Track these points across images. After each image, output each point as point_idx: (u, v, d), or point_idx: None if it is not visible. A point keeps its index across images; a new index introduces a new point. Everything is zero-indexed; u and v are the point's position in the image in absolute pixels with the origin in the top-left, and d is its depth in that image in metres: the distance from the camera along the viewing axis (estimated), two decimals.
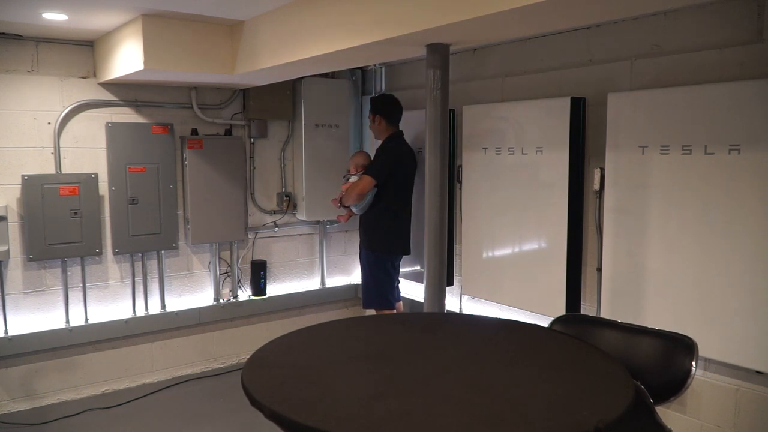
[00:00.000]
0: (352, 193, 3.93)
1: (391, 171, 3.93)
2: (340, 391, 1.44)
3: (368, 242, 4.08)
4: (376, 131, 4.08)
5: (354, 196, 3.93)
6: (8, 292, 3.86)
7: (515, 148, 3.69)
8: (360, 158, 4.18)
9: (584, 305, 3.48)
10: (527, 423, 1.28)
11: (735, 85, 2.73)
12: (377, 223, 4.03)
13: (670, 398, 1.80)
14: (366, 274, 4.14)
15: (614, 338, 2.01)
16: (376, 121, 4.04)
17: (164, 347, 4.45)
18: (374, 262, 4.07)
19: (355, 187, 3.92)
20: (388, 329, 2.00)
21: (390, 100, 4.11)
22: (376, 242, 4.04)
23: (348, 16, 2.74)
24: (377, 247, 4.05)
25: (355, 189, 3.92)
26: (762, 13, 2.70)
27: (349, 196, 3.96)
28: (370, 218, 4.04)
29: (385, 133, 4.04)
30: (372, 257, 4.07)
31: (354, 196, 3.94)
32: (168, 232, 4.33)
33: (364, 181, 3.90)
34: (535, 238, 3.62)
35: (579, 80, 3.43)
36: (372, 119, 4.06)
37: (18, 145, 3.83)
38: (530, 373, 1.56)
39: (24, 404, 3.95)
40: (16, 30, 3.65)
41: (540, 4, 1.98)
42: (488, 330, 2.06)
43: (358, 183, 3.91)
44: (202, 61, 3.54)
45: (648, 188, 3.05)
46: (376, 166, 3.96)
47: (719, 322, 2.82)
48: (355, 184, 3.94)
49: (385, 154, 3.97)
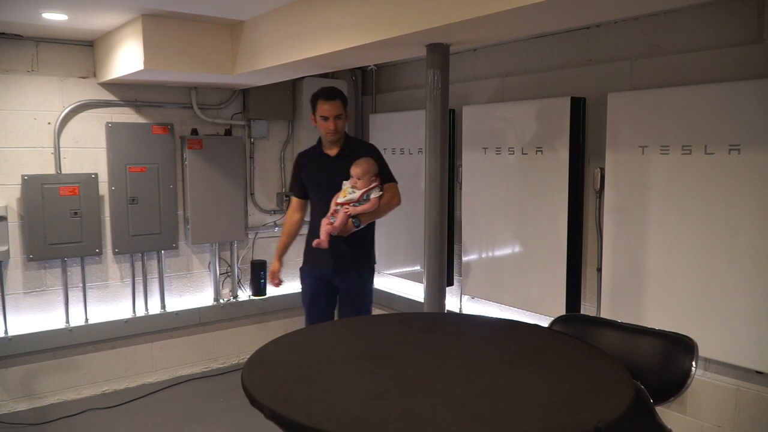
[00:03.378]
0: (389, 207, 3.29)
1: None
2: (340, 391, 1.44)
3: (366, 258, 3.43)
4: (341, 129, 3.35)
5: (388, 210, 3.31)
6: (8, 292, 3.86)
7: (515, 148, 3.68)
8: (371, 165, 3.24)
9: (584, 305, 3.48)
10: (527, 423, 1.28)
11: (735, 85, 2.73)
12: (371, 233, 3.46)
13: (670, 398, 1.80)
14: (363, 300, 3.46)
15: (614, 338, 2.01)
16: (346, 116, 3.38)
17: (164, 347, 4.45)
18: (372, 281, 3.49)
19: (391, 201, 3.29)
20: (388, 329, 2.00)
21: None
22: (373, 256, 3.49)
23: (348, 16, 2.75)
24: (373, 260, 3.49)
25: (392, 202, 3.30)
26: (762, 13, 2.70)
27: (384, 211, 3.28)
28: (367, 232, 3.39)
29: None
30: (371, 276, 3.47)
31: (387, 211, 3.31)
32: (168, 232, 4.33)
33: (393, 190, 3.32)
34: (535, 238, 3.62)
35: (579, 80, 3.43)
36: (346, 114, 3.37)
37: (18, 145, 3.83)
38: (530, 373, 1.56)
39: (24, 404, 3.94)
40: (16, 30, 3.65)
41: (540, 4, 1.98)
42: (488, 330, 2.06)
43: (394, 195, 3.30)
44: (202, 61, 3.54)
45: (648, 188, 3.05)
46: (387, 168, 3.37)
47: (719, 322, 2.81)
48: (390, 197, 3.28)
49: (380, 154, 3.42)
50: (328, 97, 3.27)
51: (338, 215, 3.16)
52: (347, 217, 3.15)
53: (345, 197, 3.19)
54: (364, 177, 3.18)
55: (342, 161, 3.30)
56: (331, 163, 3.35)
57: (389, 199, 3.29)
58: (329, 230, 3.15)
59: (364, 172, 3.19)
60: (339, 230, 3.15)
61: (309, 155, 3.48)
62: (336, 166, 3.32)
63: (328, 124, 3.29)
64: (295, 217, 3.54)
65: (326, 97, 3.27)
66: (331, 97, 3.27)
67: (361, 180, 3.18)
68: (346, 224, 3.15)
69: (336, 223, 3.14)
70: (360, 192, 3.17)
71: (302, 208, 3.53)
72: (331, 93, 3.27)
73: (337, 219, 3.14)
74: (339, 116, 3.30)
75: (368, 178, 3.19)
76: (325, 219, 3.21)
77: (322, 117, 3.29)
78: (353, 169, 3.19)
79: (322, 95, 3.28)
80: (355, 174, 3.18)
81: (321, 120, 3.30)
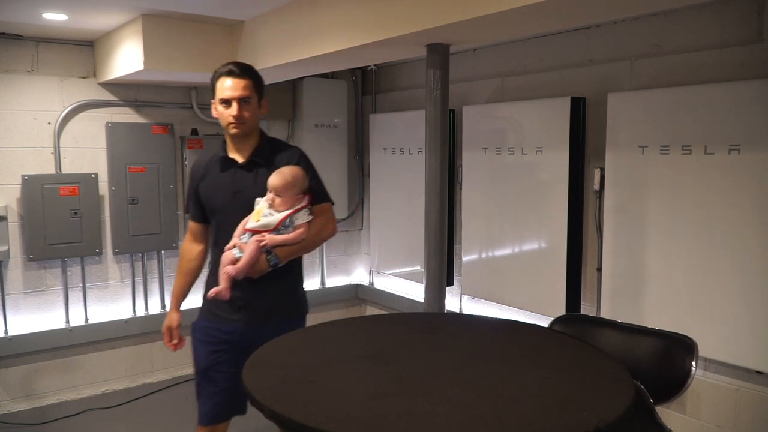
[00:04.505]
0: (320, 239, 2.41)
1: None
2: (340, 391, 1.44)
3: (292, 306, 2.47)
4: (257, 120, 2.43)
5: (319, 243, 2.44)
6: (8, 292, 3.86)
7: (515, 148, 3.69)
8: (299, 177, 2.31)
9: (584, 305, 3.48)
10: (527, 423, 1.28)
11: (735, 85, 2.73)
12: (298, 269, 2.51)
13: (670, 398, 1.80)
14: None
15: (614, 338, 2.01)
16: (263, 105, 2.46)
17: (164, 347, 4.43)
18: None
19: (323, 230, 2.39)
20: (388, 329, 2.00)
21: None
22: (304, 301, 2.53)
23: (348, 16, 2.75)
24: (305, 308, 2.53)
25: (325, 232, 2.40)
26: (762, 13, 2.70)
27: (312, 245, 2.40)
28: (291, 266, 2.39)
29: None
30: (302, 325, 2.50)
31: (316, 245, 2.44)
32: (168, 232, 4.33)
33: (327, 214, 2.42)
34: (535, 238, 3.62)
35: (579, 80, 3.43)
36: (259, 103, 2.43)
37: (18, 145, 3.83)
38: (530, 373, 1.56)
39: (24, 404, 3.94)
40: (16, 30, 3.65)
41: (540, 4, 1.98)
42: (488, 330, 2.06)
43: (328, 222, 2.41)
44: (202, 61, 3.54)
45: (648, 188, 3.05)
46: (320, 183, 2.43)
47: (719, 322, 2.82)
48: (323, 225, 2.38)
49: (311, 163, 2.45)
50: (232, 73, 2.32)
51: (247, 247, 2.20)
52: (259, 251, 2.21)
53: (258, 221, 2.24)
54: (286, 193, 2.24)
55: (254, 171, 2.36)
56: (239, 172, 2.38)
57: (321, 226, 2.36)
58: (231, 272, 2.19)
59: (286, 186, 2.23)
60: (246, 270, 2.20)
61: (208, 162, 2.49)
62: (244, 176, 2.37)
63: (231, 110, 2.31)
64: (195, 249, 2.56)
65: (229, 73, 2.32)
66: (237, 73, 2.32)
67: (281, 197, 2.24)
68: (258, 261, 2.22)
69: (243, 261, 2.19)
70: (280, 215, 2.24)
71: (205, 235, 2.56)
72: (236, 67, 2.34)
73: (246, 253, 2.20)
74: (246, 100, 2.32)
75: (292, 195, 2.26)
76: (228, 253, 2.25)
77: (222, 101, 2.33)
78: (272, 180, 2.24)
79: (224, 71, 2.34)
80: (274, 188, 2.23)
81: (221, 106, 2.34)
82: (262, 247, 2.21)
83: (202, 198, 2.46)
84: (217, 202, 2.41)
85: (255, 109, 2.37)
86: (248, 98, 2.33)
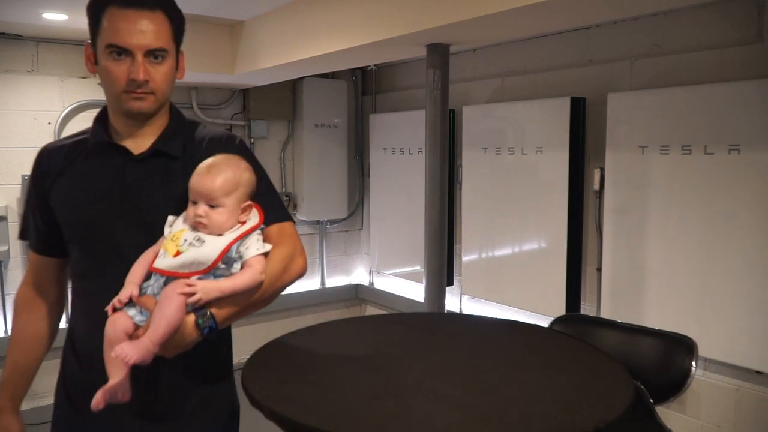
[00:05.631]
0: (290, 277, 1.40)
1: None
2: (340, 391, 1.44)
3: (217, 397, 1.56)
4: (171, 89, 1.43)
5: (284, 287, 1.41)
6: (8, 292, 3.86)
7: (515, 148, 3.69)
8: (244, 173, 1.36)
9: (584, 305, 3.48)
10: (527, 423, 1.28)
11: (735, 85, 2.73)
12: (227, 338, 1.61)
13: (670, 398, 1.80)
14: None
15: (614, 338, 2.02)
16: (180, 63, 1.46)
17: None
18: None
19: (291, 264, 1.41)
20: (388, 329, 2.00)
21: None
22: (233, 390, 1.63)
23: (348, 16, 2.75)
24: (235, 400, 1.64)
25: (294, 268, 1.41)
26: (762, 13, 2.70)
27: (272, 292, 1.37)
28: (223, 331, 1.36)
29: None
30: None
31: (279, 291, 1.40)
32: None
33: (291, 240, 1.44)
34: (535, 238, 3.62)
35: (579, 80, 3.43)
36: (177, 59, 1.43)
37: (18, 145, 3.83)
38: (530, 373, 1.56)
39: (24, 404, 3.92)
40: (16, 30, 3.65)
41: (540, 4, 1.98)
42: (488, 330, 2.06)
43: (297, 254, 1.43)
44: (202, 61, 3.54)
45: (648, 188, 3.05)
46: (272, 188, 1.50)
47: (719, 322, 2.82)
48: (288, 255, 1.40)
49: (253, 156, 1.50)
50: (132, 2, 1.32)
51: (160, 304, 1.22)
52: (184, 311, 1.22)
53: (177, 256, 1.26)
54: (226, 200, 1.31)
55: (162, 168, 1.42)
56: (133, 170, 1.41)
57: (284, 262, 1.38)
58: (132, 355, 1.17)
59: (225, 186, 1.31)
60: (160, 348, 1.21)
61: (68, 151, 1.47)
62: (144, 177, 1.41)
63: (133, 69, 1.32)
64: (41, 304, 1.71)
65: (127, 3, 1.32)
66: (141, 3, 1.33)
67: (218, 209, 1.30)
68: (182, 329, 1.23)
69: (153, 331, 1.20)
70: (219, 244, 1.28)
71: (55, 278, 1.64)
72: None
73: (159, 315, 1.21)
74: (160, 53, 1.35)
75: (236, 204, 1.33)
76: (117, 316, 1.25)
77: (112, 49, 1.32)
78: (199, 181, 1.31)
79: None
80: (206, 193, 1.30)
81: (109, 58, 1.33)
82: (189, 303, 1.23)
83: (56, 210, 1.45)
84: (86, 215, 1.41)
85: (172, 70, 1.40)
86: (163, 51, 1.36)
